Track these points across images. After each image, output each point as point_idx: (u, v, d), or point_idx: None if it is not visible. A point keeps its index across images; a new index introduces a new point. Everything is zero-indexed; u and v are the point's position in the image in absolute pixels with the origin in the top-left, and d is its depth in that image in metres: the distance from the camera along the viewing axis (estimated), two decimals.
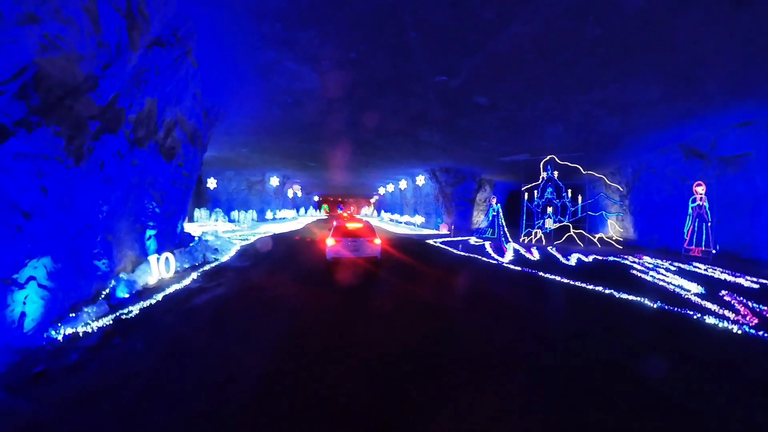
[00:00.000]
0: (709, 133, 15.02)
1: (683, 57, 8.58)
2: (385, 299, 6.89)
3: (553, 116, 12.23)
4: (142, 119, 7.85)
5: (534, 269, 10.14)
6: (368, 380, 3.73)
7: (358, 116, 12.77)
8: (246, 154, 21.25)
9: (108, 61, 6.39)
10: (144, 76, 7.27)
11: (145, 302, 6.49)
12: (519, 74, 8.88)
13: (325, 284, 8.06)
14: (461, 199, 26.11)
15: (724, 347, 4.81)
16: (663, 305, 6.59)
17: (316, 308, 6.23)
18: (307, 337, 4.88)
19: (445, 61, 8.34)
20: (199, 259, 9.95)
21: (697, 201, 14.13)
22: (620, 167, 22.65)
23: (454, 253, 13.88)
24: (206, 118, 11.51)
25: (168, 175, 9.80)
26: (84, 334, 5.20)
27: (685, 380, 3.84)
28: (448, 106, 11.49)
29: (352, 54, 7.90)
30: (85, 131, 6.13)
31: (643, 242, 19.62)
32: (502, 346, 4.72)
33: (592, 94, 10.46)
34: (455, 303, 6.86)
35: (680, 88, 10.36)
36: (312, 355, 4.30)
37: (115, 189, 7.23)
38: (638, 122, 13.54)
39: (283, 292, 7.27)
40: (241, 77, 9.50)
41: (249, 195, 32.63)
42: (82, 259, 6.56)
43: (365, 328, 5.27)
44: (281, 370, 3.91)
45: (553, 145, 16.26)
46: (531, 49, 7.71)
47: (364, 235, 10.06)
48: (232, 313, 5.96)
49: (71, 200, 5.99)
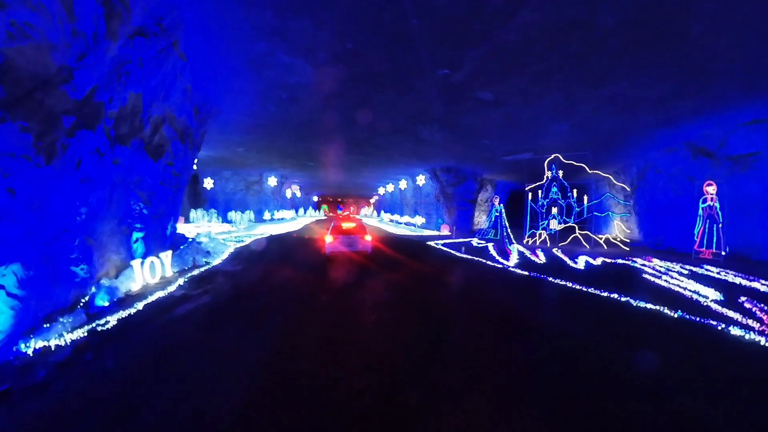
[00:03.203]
0: (717, 132, 14.62)
1: (697, 50, 8.24)
2: (386, 310, 6.34)
3: (559, 113, 11.76)
4: (126, 115, 7.37)
5: (542, 274, 9.65)
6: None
7: (355, 113, 12.25)
8: (242, 153, 20.77)
9: (83, 52, 5.91)
10: (126, 69, 6.80)
11: (124, 312, 6.03)
12: (526, 67, 8.39)
13: (319, 295, 7.35)
14: (462, 199, 25.64)
15: (758, 363, 4.37)
16: (683, 314, 6.23)
17: (307, 324, 5.62)
18: (295, 359, 4.31)
19: (447, 52, 7.81)
20: (188, 263, 9.44)
21: (708, 201, 13.65)
22: (624, 167, 22.22)
23: (456, 255, 13.39)
24: (198, 115, 11.03)
25: (156, 175, 9.34)
26: (56, 348, 4.78)
27: (726, 408, 3.40)
28: (450, 102, 11.00)
29: (348, 44, 7.34)
30: (57, 127, 5.65)
31: (648, 243, 19.20)
32: (522, 367, 4.25)
33: (601, 90, 10.01)
34: (462, 314, 6.30)
35: (692, 84, 10.00)
36: (297, 392, 3.63)
37: (94, 189, 6.75)
38: (645, 120, 13.15)
39: (272, 302, 6.70)
40: (232, 71, 8.97)
41: (246, 195, 32.24)
42: (58, 265, 6.11)
43: (361, 347, 4.77)
44: (256, 403, 3.37)
45: (558, 143, 15.80)
46: (540, 39, 7.22)
47: (357, 233, 11.50)
48: (213, 328, 5.40)
49: (44, 201, 5.53)
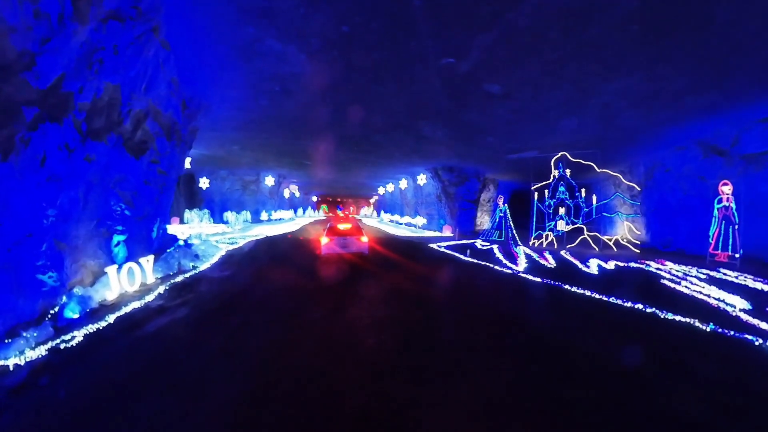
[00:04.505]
0: (731, 129, 14.00)
1: (719, 40, 7.62)
2: (385, 332, 5.39)
3: (570, 108, 11.11)
4: (101, 107, 6.73)
5: (555, 280, 8.95)
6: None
7: (352, 107, 11.50)
8: (237, 151, 20.12)
9: (48, 35, 5.28)
10: (98, 56, 6.16)
11: (93, 325, 5.40)
12: (538, 56, 7.73)
13: (309, 310, 6.32)
14: (464, 199, 24.97)
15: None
16: (716, 328, 5.64)
17: (291, 351, 4.59)
18: (271, 403, 3.40)
19: (453, 37, 7.11)
20: (173, 268, 8.77)
21: (723, 201, 13.00)
22: (631, 166, 21.61)
23: (462, 259, 12.71)
24: (186, 110, 10.39)
25: (140, 173, 8.70)
26: (15, 368, 4.19)
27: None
28: (454, 95, 10.32)
29: (344, 27, 6.62)
30: (17, 119, 5.02)
31: (656, 244, 18.58)
32: (564, 410, 3.58)
33: (615, 83, 9.38)
34: (474, 332, 5.58)
35: (709, 78, 9.37)
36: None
37: (64, 188, 6.12)
38: (657, 117, 12.55)
39: (253, 320, 5.75)
40: (220, 61, 8.30)
41: (243, 195, 31.61)
42: (23, 274, 5.49)
43: (350, 387, 3.93)
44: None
45: (565, 141, 15.15)
46: (555, 23, 6.57)
47: (353, 234, 11.15)
48: (185, 350, 4.59)
49: (1, 203, 4.91)
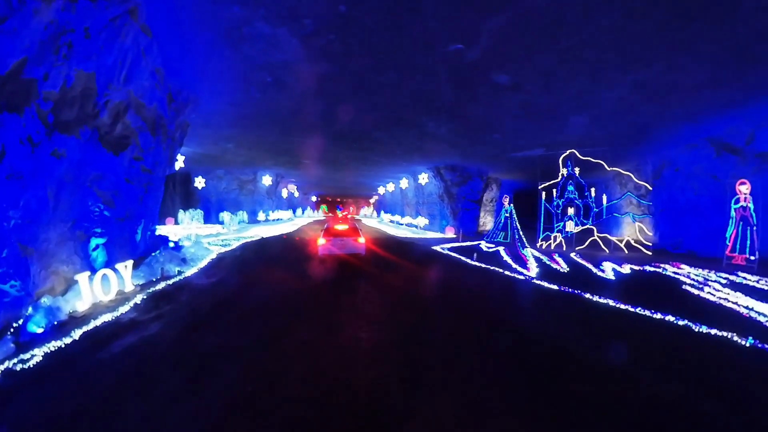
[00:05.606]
0: (745, 126, 13.39)
1: (745, 28, 7.06)
2: (388, 362, 4.40)
3: (582, 102, 10.46)
4: (72, 97, 6.10)
5: (572, 288, 8.21)
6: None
7: (351, 100, 10.84)
8: (232, 149, 19.48)
9: (4, 14, 4.66)
10: (66, 39, 5.52)
11: (57, 342, 4.77)
12: (553, 43, 7.08)
13: (298, 329, 5.36)
14: (467, 199, 24.33)
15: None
16: (756, 342, 5.06)
17: (273, 385, 3.71)
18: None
19: (462, 20, 6.45)
20: (156, 274, 8.11)
21: (741, 202, 12.38)
22: (638, 165, 21.02)
23: (470, 264, 11.93)
24: (172, 103, 9.75)
25: (121, 171, 8.09)
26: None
27: None
28: (460, 86, 9.67)
29: (341, 6, 5.95)
30: None
31: (665, 246, 17.96)
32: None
33: (632, 74, 8.77)
34: (499, 365, 4.63)
35: (731, 70, 8.79)
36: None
37: (28, 187, 5.49)
38: (672, 113, 11.96)
39: (235, 342, 4.81)
40: (206, 48, 7.62)
41: (240, 195, 30.96)
42: None
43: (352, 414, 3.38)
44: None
45: (574, 138, 14.50)
46: (573, 5, 5.94)
47: (350, 235, 10.98)
48: (146, 382, 3.78)
49: None
